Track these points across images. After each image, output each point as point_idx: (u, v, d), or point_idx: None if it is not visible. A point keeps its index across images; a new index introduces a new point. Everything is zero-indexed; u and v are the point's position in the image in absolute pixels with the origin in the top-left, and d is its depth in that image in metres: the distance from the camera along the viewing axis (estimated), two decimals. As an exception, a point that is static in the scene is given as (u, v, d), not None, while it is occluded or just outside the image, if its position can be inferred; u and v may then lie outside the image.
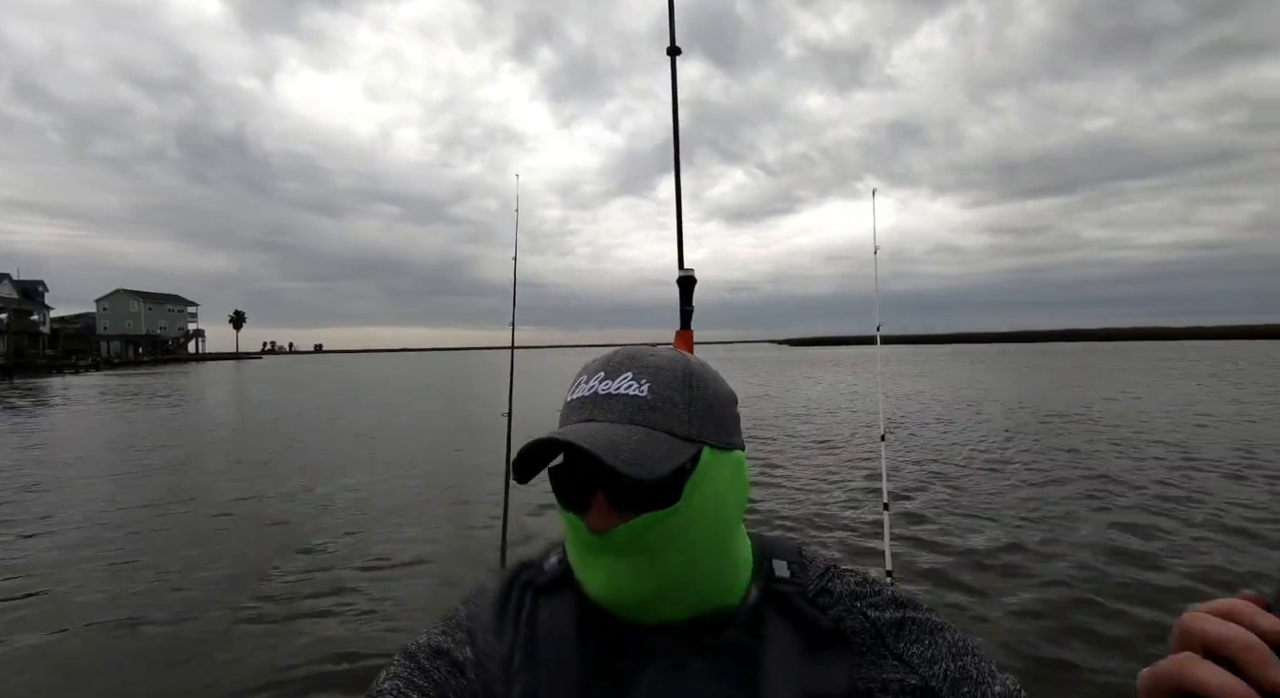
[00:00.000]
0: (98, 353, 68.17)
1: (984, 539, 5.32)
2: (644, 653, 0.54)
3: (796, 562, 0.61)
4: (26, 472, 9.28)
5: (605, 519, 0.52)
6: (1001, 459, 8.82)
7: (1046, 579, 4.43)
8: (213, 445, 12.07)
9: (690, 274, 1.65)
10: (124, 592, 4.59)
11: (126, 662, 3.57)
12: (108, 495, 7.70)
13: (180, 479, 8.70)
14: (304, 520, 6.47)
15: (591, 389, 0.56)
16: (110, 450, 11.41)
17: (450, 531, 6.15)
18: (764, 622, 0.56)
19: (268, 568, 5.04)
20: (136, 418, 16.88)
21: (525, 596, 0.60)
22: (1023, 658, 3.39)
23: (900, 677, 0.54)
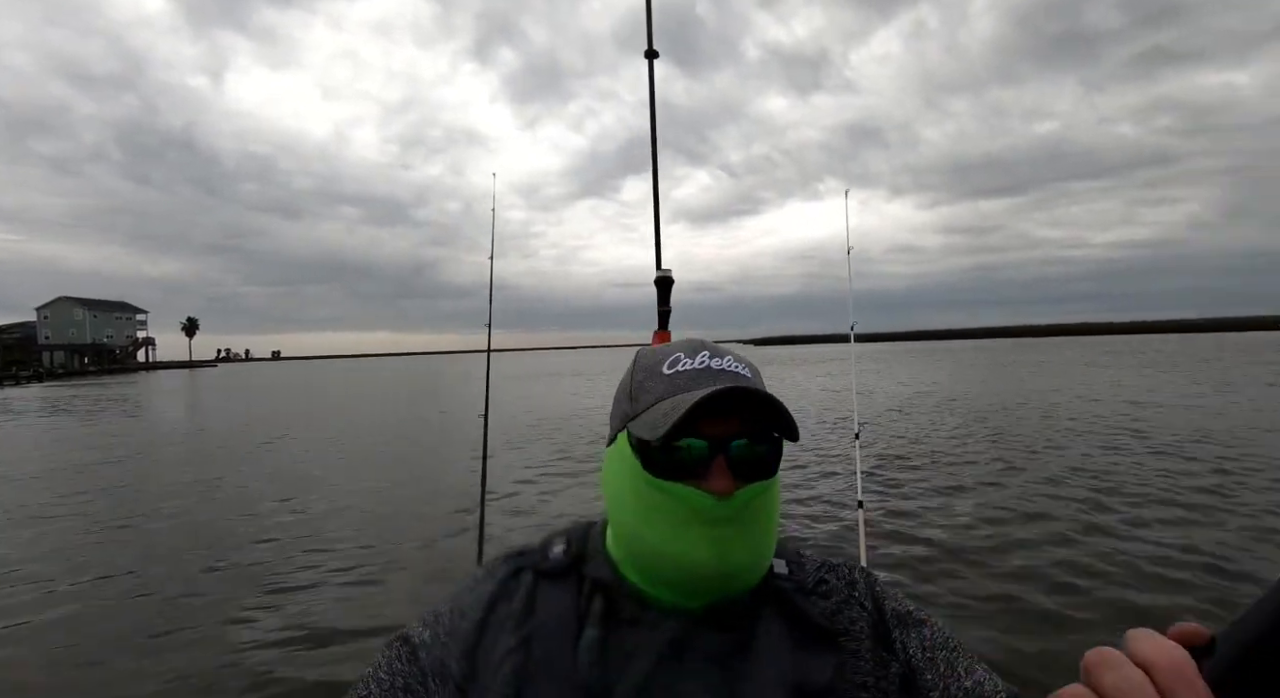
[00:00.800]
0: (39, 364, 64.98)
1: (955, 532, 5.46)
2: (641, 643, 0.55)
3: (795, 561, 0.64)
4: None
5: (729, 483, 0.54)
6: (967, 452, 9.08)
7: (1016, 568, 4.55)
8: (157, 458, 11.60)
9: (668, 275, 1.65)
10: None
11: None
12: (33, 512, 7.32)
13: (116, 496, 8.33)
14: (269, 530, 6.27)
15: (704, 364, 0.59)
16: (50, 465, 10.86)
17: (426, 531, 6.10)
18: (760, 616, 0.58)
19: (235, 575, 4.87)
20: (78, 431, 16.11)
21: (523, 578, 0.61)
22: (1001, 648, 3.44)
23: (885, 667, 0.57)
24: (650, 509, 0.56)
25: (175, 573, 5.09)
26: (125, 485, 8.88)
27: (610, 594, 0.58)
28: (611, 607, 0.58)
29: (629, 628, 0.57)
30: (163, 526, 6.62)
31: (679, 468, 0.55)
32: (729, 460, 0.55)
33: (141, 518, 6.96)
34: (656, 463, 0.56)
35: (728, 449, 0.55)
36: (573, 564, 0.61)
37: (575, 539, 0.64)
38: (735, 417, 0.56)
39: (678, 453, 0.55)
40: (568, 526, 0.67)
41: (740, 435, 0.56)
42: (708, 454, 0.55)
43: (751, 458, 0.56)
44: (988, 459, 8.56)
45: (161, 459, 11.41)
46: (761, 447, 0.56)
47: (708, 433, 0.55)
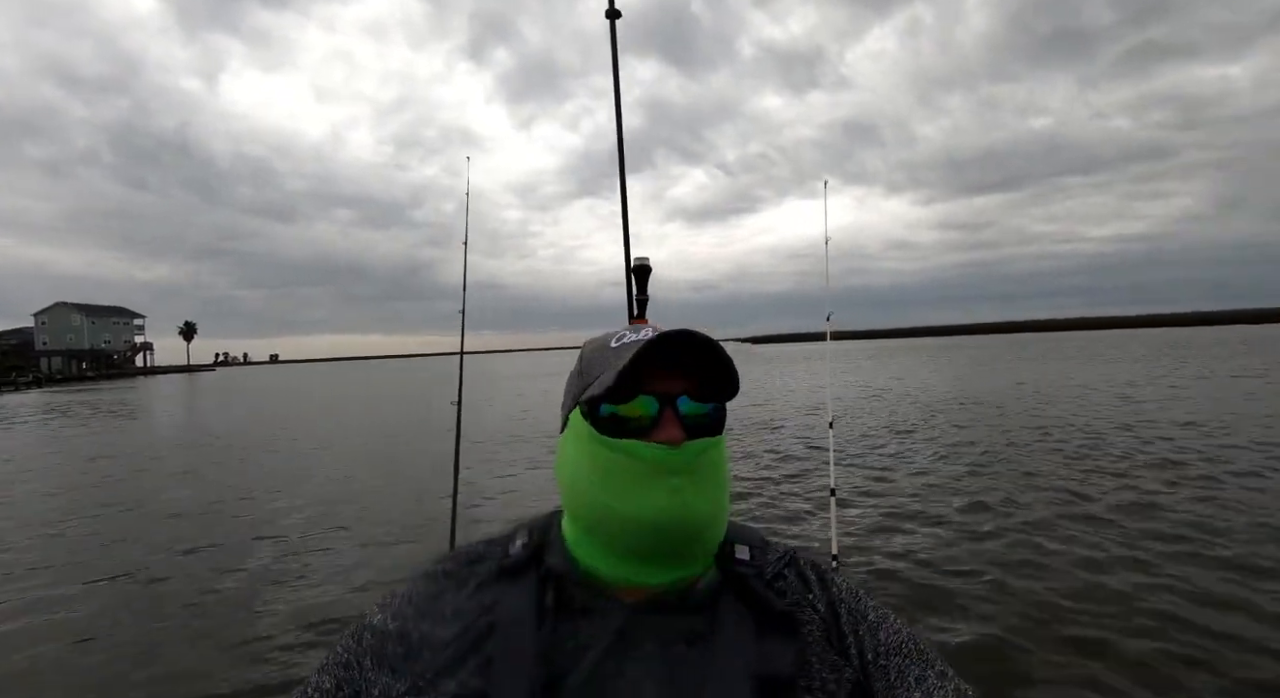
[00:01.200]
0: (38, 369, 65.28)
1: (930, 520, 5.68)
2: (593, 633, 0.56)
3: (759, 547, 0.65)
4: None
5: (679, 433, 0.57)
6: (946, 444, 9.49)
7: (991, 558, 4.66)
8: (156, 460, 12.19)
9: (645, 262, 1.59)
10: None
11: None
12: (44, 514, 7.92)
13: (118, 496, 8.93)
14: (254, 519, 6.87)
15: (648, 335, 0.60)
16: (58, 468, 11.45)
17: (401, 516, 6.58)
18: (719, 604, 0.58)
19: (224, 565, 5.48)
20: (83, 436, 16.69)
21: (479, 569, 0.63)
22: (975, 641, 3.48)
23: (836, 672, 0.57)
24: (607, 472, 0.57)
25: (180, 565, 5.67)
26: (125, 483, 9.49)
27: (563, 584, 0.59)
28: (564, 597, 0.58)
29: (581, 618, 0.57)
30: (167, 521, 7.23)
31: (630, 429, 0.58)
32: (678, 415, 0.58)
33: (149, 516, 7.57)
34: (609, 427, 0.58)
35: (675, 403, 0.58)
36: (532, 558, 0.62)
37: (537, 530, 0.65)
38: (681, 377, 0.59)
39: (628, 414, 0.58)
40: (533, 516, 0.68)
41: (686, 395, 0.58)
42: (657, 409, 0.58)
43: (698, 415, 0.59)
44: (969, 451, 9.02)
45: (166, 460, 11.98)
46: (708, 407, 0.59)
47: (657, 390, 0.58)
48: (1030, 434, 9.87)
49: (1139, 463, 7.51)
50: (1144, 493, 6.21)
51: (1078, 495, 6.28)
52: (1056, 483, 6.80)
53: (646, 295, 1.59)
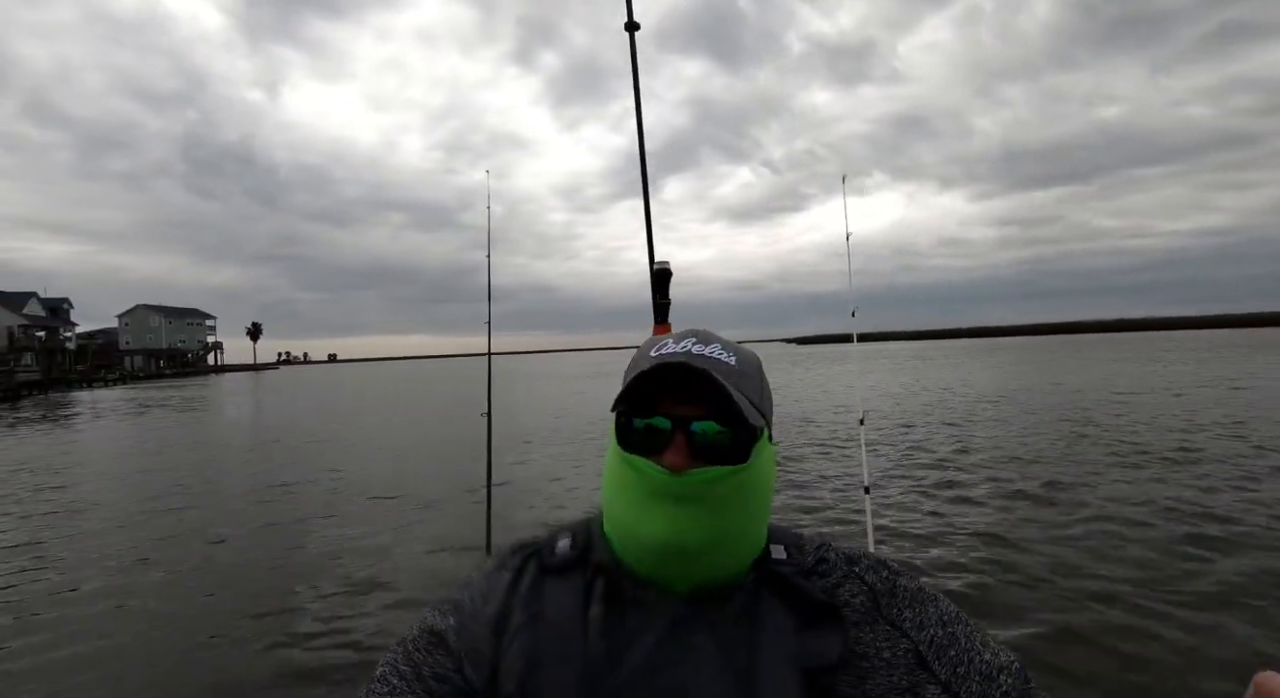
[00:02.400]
0: (122, 367, 70.06)
1: (966, 520, 5.68)
2: (643, 622, 0.57)
3: (794, 546, 0.65)
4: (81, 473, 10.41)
5: (684, 460, 0.57)
6: (987, 447, 9.45)
7: (1029, 554, 4.74)
8: (237, 449, 13.18)
9: (665, 266, 1.58)
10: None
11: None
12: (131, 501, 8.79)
13: (204, 481, 9.79)
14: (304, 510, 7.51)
15: (685, 349, 0.60)
16: (151, 453, 12.57)
17: (438, 520, 6.68)
18: (760, 601, 0.59)
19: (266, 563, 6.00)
20: (173, 426, 18.09)
21: (529, 566, 0.64)
22: (1017, 629, 3.56)
23: (891, 642, 0.58)
24: (620, 483, 0.60)
25: (252, 540, 6.35)
26: (210, 468, 10.38)
27: (611, 576, 0.60)
28: (613, 587, 0.59)
29: (632, 608, 0.58)
30: (254, 503, 7.97)
31: (646, 444, 0.59)
32: (689, 439, 0.57)
33: (239, 498, 8.35)
34: (628, 438, 0.60)
35: (687, 428, 0.57)
36: (579, 558, 0.63)
37: (579, 533, 0.66)
38: (707, 402, 0.58)
39: (643, 430, 0.59)
40: (571, 520, 0.69)
41: (709, 418, 0.58)
42: (670, 431, 0.58)
43: (716, 441, 0.58)
44: (1016, 450, 9.02)
45: (241, 449, 12.97)
46: (729, 432, 0.58)
47: (674, 412, 0.58)
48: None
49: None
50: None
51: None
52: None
53: (668, 299, 1.60)
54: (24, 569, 5.38)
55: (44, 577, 5.19)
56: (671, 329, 1.57)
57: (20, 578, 5.19)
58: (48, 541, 6.32)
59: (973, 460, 8.32)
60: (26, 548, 6.08)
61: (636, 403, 0.60)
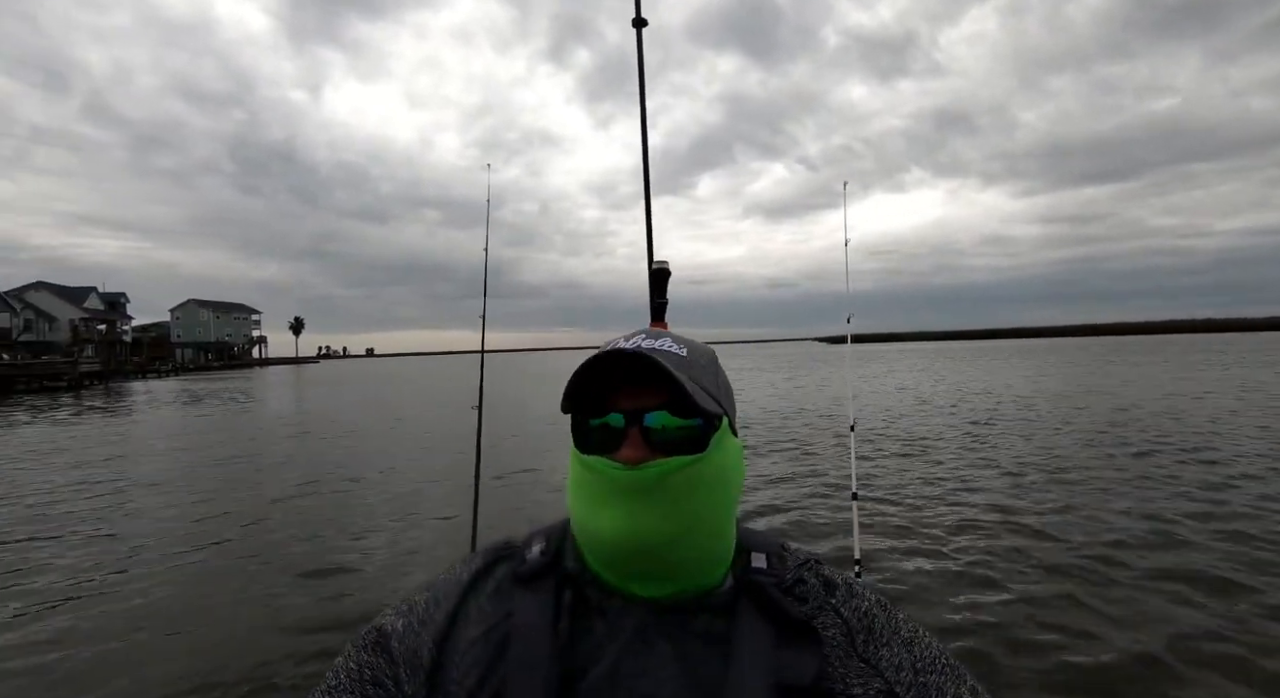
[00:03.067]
0: (174, 359, 73.22)
1: (956, 527, 5.58)
2: (609, 631, 0.56)
3: (776, 555, 0.64)
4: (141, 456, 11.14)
5: (640, 452, 0.56)
6: (987, 452, 9.39)
7: (1019, 567, 4.58)
8: (280, 438, 13.85)
9: (665, 266, 1.57)
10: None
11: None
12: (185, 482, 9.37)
13: (255, 458, 10.37)
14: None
15: (634, 345, 0.59)
16: (205, 439, 13.32)
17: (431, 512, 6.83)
18: (737, 610, 0.58)
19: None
20: (226, 416, 19.04)
21: (497, 571, 0.63)
22: (995, 644, 3.47)
23: (864, 680, 0.56)
24: (579, 485, 0.59)
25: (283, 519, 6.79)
26: (257, 455, 11.00)
27: (579, 585, 0.59)
28: (581, 598, 0.58)
29: (599, 617, 0.57)
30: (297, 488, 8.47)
31: (600, 443, 0.58)
32: (643, 433, 0.56)
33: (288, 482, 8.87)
34: (584, 439, 0.59)
35: (641, 421, 0.56)
36: (549, 564, 0.61)
37: (553, 536, 0.65)
38: (658, 392, 0.57)
39: (596, 428, 0.58)
40: (549, 523, 0.68)
41: (663, 410, 0.57)
42: (623, 427, 0.57)
43: (671, 431, 0.57)
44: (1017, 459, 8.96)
45: (286, 436, 13.64)
46: (683, 421, 0.57)
47: (625, 407, 0.57)
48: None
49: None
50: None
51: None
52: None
53: (665, 299, 1.59)
54: (104, 534, 5.94)
55: (131, 538, 5.73)
56: (668, 328, 1.60)
57: (107, 538, 5.79)
58: (130, 511, 6.94)
59: (984, 466, 8.16)
60: (110, 514, 6.70)
61: (590, 404, 0.59)
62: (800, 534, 5.61)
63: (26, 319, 56.99)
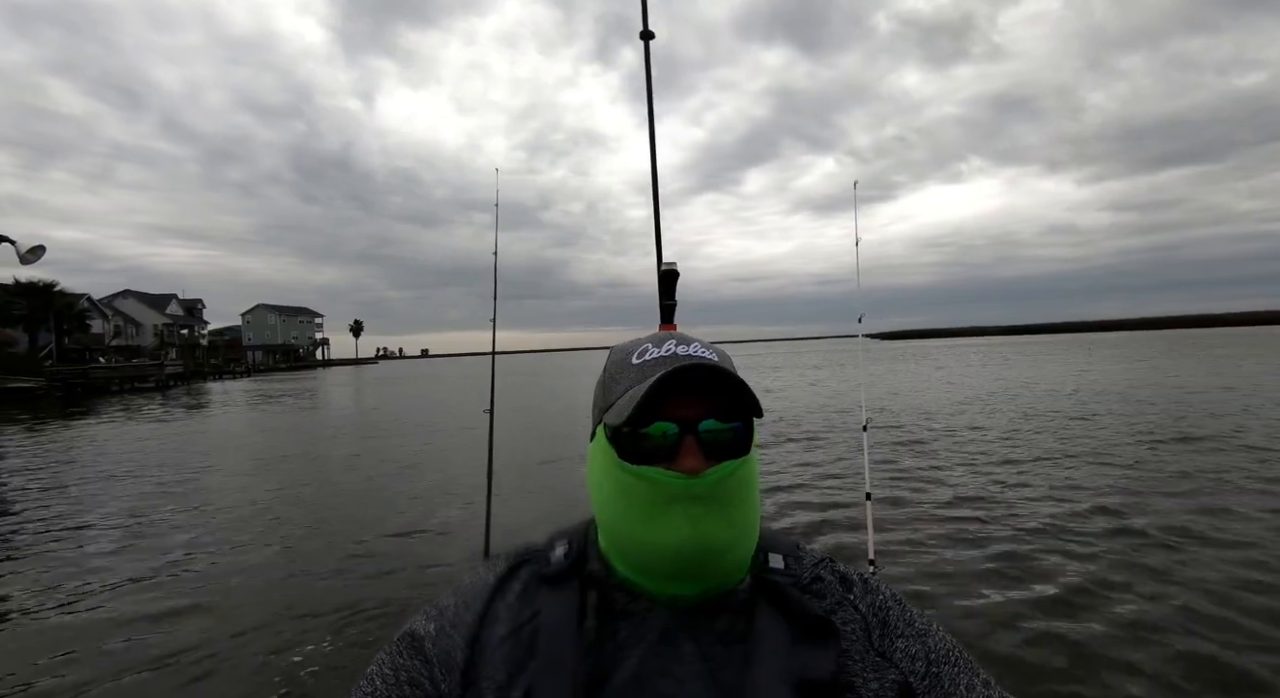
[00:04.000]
0: (246, 361, 77.65)
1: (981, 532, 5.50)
2: (633, 634, 0.58)
3: (792, 555, 0.65)
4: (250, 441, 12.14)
5: (699, 462, 0.57)
6: (1032, 453, 9.19)
7: (1034, 567, 4.54)
8: (346, 431, 14.74)
9: (673, 268, 1.57)
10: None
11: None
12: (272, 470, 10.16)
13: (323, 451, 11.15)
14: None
15: (670, 351, 0.62)
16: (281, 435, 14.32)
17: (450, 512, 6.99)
18: (756, 610, 0.60)
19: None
20: (305, 413, 20.30)
21: (521, 574, 0.65)
22: (1005, 644, 3.46)
23: (879, 673, 0.58)
24: (628, 496, 0.58)
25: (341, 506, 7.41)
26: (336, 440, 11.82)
27: (603, 589, 0.61)
28: (605, 600, 0.60)
29: (622, 620, 0.59)
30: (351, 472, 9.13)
31: (651, 453, 0.58)
32: (699, 441, 0.57)
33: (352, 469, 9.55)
34: (629, 450, 0.59)
35: (696, 430, 0.57)
36: (573, 566, 0.63)
37: (576, 539, 0.66)
38: (703, 399, 0.58)
39: (649, 439, 0.58)
40: (570, 525, 0.69)
41: (709, 416, 0.58)
42: (677, 436, 0.57)
43: (722, 437, 0.58)
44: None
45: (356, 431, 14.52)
46: (731, 426, 0.59)
47: (677, 416, 0.58)
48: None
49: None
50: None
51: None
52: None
53: (674, 301, 1.59)
54: (198, 507, 6.68)
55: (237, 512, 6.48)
56: (677, 329, 1.60)
57: (204, 511, 6.55)
58: (222, 489, 7.76)
59: (1009, 467, 8.00)
60: (205, 494, 7.50)
61: (633, 413, 0.58)
62: (828, 529, 5.72)
63: (117, 325, 61.46)
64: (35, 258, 20.71)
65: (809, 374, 30.38)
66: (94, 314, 54.63)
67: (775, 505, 6.56)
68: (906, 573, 4.55)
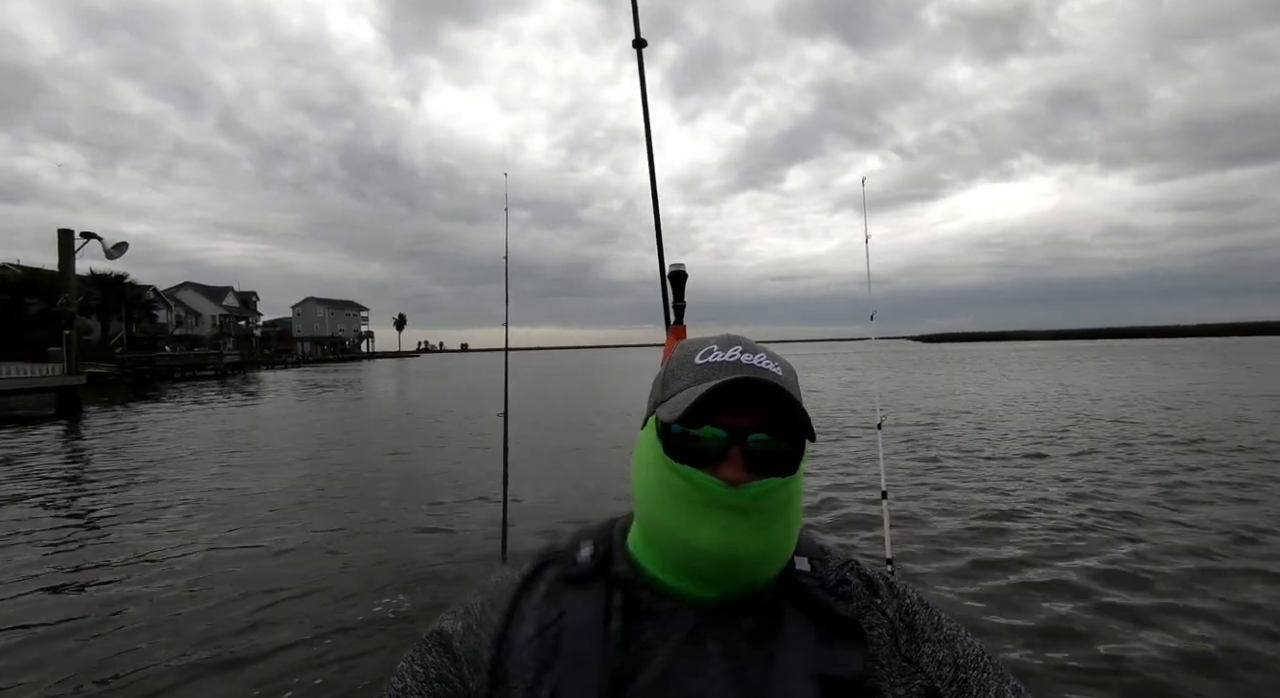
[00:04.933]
0: (296, 352, 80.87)
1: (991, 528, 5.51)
2: (660, 633, 0.58)
3: (818, 558, 0.65)
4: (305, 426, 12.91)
5: (741, 473, 0.57)
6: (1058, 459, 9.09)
7: (1048, 569, 4.49)
8: (385, 420, 15.41)
9: (681, 269, 1.57)
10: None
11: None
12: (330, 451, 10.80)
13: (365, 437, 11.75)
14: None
15: (734, 357, 0.61)
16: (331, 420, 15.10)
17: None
18: (782, 611, 0.60)
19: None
20: (352, 401, 21.30)
21: (545, 574, 0.65)
22: (1025, 647, 3.44)
23: (906, 678, 0.58)
24: (668, 492, 0.59)
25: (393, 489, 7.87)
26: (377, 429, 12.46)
27: (629, 588, 0.61)
28: (631, 600, 0.60)
29: (648, 620, 0.59)
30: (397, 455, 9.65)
31: (697, 454, 0.58)
32: (745, 452, 0.58)
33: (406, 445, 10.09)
34: (676, 448, 0.59)
35: (745, 441, 0.58)
36: (599, 567, 0.63)
37: (600, 540, 0.67)
38: (757, 412, 0.58)
39: (698, 441, 0.58)
40: (593, 525, 0.70)
41: (760, 430, 0.58)
42: (725, 444, 0.58)
43: (770, 453, 0.58)
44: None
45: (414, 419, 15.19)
46: (781, 444, 0.58)
47: (728, 424, 0.58)
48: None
49: None
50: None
51: None
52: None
53: (684, 301, 1.58)
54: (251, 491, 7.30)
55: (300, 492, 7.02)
56: (686, 331, 1.59)
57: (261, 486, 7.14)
58: (277, 469, 8.35)
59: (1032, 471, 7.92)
60: (264, 471, 8.11)
61: (688, 412, 0.58)
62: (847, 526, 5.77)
63: (178, 315, 64.82)
64: (119, 254, 22.24)
65: (845, 375, 30.09)
66: (159, 305, 57.83)
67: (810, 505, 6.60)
68: (924, 572, 4.53)
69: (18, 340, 28.91)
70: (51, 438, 13.43)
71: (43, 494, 7.87)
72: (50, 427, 15.36)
